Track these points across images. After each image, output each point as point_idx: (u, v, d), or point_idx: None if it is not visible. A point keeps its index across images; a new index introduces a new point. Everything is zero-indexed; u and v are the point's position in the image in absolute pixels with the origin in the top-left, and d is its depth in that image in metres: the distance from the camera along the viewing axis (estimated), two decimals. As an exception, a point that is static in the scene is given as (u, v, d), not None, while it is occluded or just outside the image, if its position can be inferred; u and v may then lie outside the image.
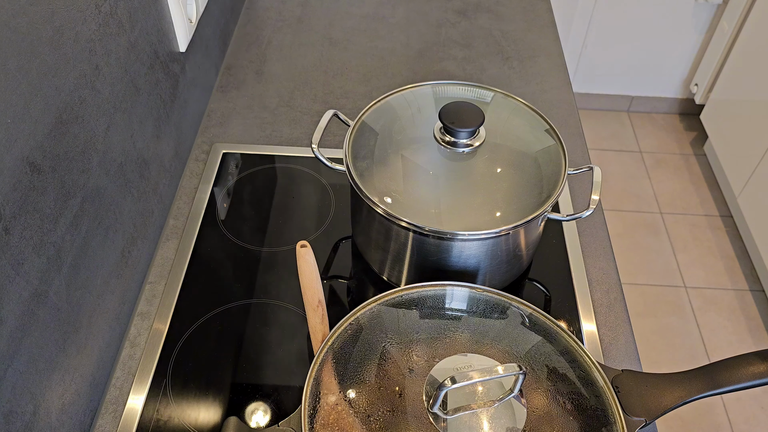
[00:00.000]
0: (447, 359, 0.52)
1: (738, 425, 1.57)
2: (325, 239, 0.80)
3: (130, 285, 0.71)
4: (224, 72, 1.04)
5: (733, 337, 1.74)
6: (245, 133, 0.94)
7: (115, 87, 0.64)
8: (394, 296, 0.58)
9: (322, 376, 0.52)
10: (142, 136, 0.72)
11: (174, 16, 0.78)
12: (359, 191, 0.65)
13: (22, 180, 0.48)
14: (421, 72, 1.06)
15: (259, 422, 0.64)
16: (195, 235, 0.79)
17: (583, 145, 0.95)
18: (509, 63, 1.09)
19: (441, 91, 0.75)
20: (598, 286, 0.77)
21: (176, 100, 0.82)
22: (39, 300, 0.52)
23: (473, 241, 0.64)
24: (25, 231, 0.49)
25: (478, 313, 0.58)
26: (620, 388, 0.54)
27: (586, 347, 0.70)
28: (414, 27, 1.16)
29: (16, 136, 0.47)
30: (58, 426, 0.57)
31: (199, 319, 0.71)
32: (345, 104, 1.00)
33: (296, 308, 0.72)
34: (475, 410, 0.49)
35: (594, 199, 0.67)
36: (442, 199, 0.65)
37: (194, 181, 0.86)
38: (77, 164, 0.57)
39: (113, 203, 0.65)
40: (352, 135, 0.70)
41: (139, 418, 0.63)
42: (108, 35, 0.61)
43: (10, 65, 0.46)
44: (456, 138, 0.66)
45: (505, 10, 1.21)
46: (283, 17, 1.17)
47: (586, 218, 0.83)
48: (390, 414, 0.49)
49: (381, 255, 0.72)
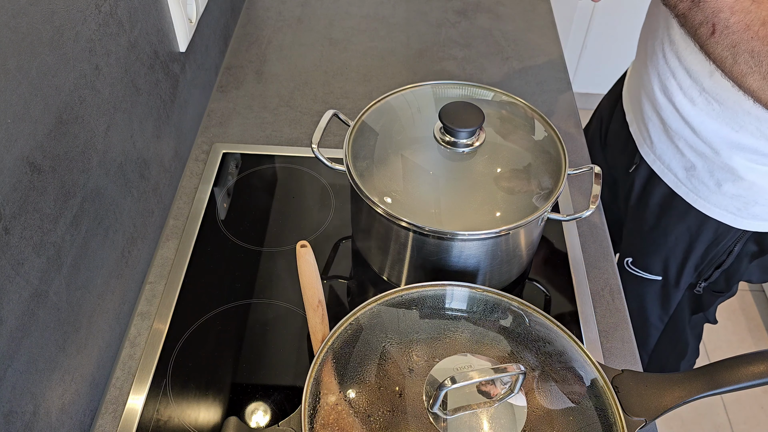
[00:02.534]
0: (447, 359, 0.52)
1: (738, 425, 1.57)
2: (325, 239, 0.80)
3: (130, 285, 0.71)
4: (224, 72, 1.04)
5: (733, 337, 1.74)
6: (245, 133, 0.94)
7: (115, 87, 0.64)
8: (394, 296, 0.58)
9: (322, 376, 0.52)
10: (142, 136, 0.72)
11: (174, 16, 0.78)
12: (359, 191, 0.65)
13: (22, 180, 0.48)
14: (421, 72, 1.06)
15: (259, 422, 0.64)
16: (195, 235, 0.79)
17: (583, 145, 0.95)
18: (509, 63, 1.09)
19: (441, 91, 0.75)
20: (598, 287, 0.77)
21: (176, 100, 0.82)
22: (39, 300, 0.52)
23: (473, 241, 0.64)
24: (25, 231, 0.49)
25: (478, 313, 0.58)
26: (620, 388, 0.54)
27: (586, 347, 0.70)
28: (414, 27, 1.16)
29: (16, 136, 0.47)
30: (58, 426, 0.57)
31: (199, 319, 0.71)
32: (345, 104, 1.00)
33: (296, 308, 0.72)
34: (475, 410, 0.49)
35: (594, 199, 0.67)
36: (442, 199, 0.65)
37: (194, 181, 0.86)
38: (77, 164, 0.57)
39: (113, 203, 0.65)
40: (352, 135, 0.70)
41: (139, 418, 0.63)
42: (108, 35, 0.61)
43: (10, 65, 0.46)
44: (456, 138, 0.66)
45: (505, 10, 1.21)
46: (283, 17, 1.17)
47: (586, 218, 0.83)
48: (390, 414, 0.49)
49: (381, 255, 0.72)
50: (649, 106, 0.85)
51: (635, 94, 0.90)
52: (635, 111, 0.91)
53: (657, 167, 0.87)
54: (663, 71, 0.80)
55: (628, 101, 0.94)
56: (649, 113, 0.85)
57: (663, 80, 0.80)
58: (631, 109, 0.92)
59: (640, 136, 0.90)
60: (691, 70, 0.75)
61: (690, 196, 0.85)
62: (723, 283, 0.95)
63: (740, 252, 0.89)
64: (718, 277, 0.94)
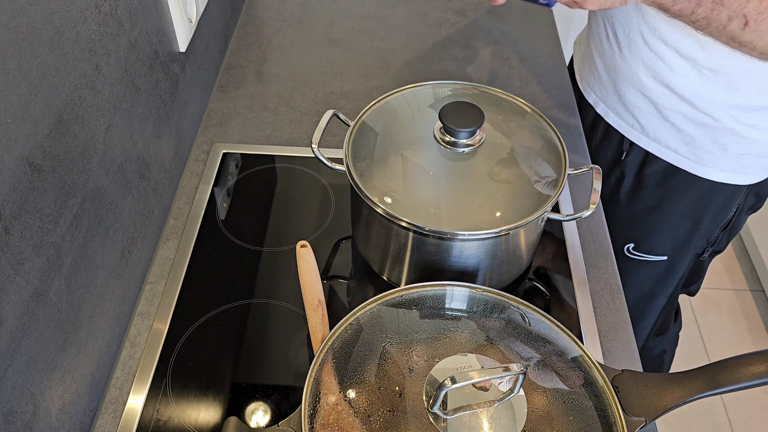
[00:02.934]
0: (447, 359, 0.52)
1: (738, 425, 1.57)
2: (325, 239, 0.80)
3: (130, 285, 0.71)
4: (224, 72, 1.04)
5: (733, 337, 1.74)
6: (245, 133, 0.94)
7: (115, 87, 0.64)
8: (394, 296, 0.58)
9: (322, 376, 0.52)
10: (142, 136, 0.72)
11: (174, 16, 0.78)
12: (359, 191, 0.65)
13: (22, 180, 0.48)
14: (421, 72, 1.06)
15: (259, 422, 0.64)
16: (195, 235, 0.79)
17: (583, 145, 0.95)
18: (509, 63, 1.09)
19: (441, 91, 0.75)
20: (598, 287, 0.77)
21: (176, 100, 0.82)
22: (39, 300, 0.52)
23: (473, 241, 0.64)
24: (25, 231, 0.49)
25: (478, 313, 0.58)
26: (620, 388, 0.54)
27: (586, 347, 0.70)
28: (414, 27, 1.16)
29: (16, 136, 0.47)
30: (58, 426, 0.57)
31: (199, 319, 0.71)
32: (345, 104, 1.00)
33: (296, 308, 0.72)
34: (475, 410, 0.49)
35: (594, 199, 0.67)
36: (442, 199, 0.65)
37: (194, 181, 0.86)
38: (77, 164, 0.57)
39: (113, 203, 0.65)
40: (352, 135, 0.70)
41: (139, 418, 0.63)
42: (108, 35, 0.61)
43: (10, 65, 0.46)
44: (456, 138, 0.66)
45: (505, 10, 1.21)
46: (283, 17, 1.17)
47: (586, 218, 0.83)
48: (390, 414, 0.49)
49: (381, 255, 0.72)
50: (634, 93, 0.86)
51: (608, 88, 0.91)
52: (612, 102, 0.92)
53: (653, 148, 0.89)
54: (648, 58, 0.81)
55: (599, 97, 0.95)
56: (635, 100, 0.87)
57: (651, 65, 0.82)
58: (605, 102, 0.94)
59: (624, 125, 0.91)
60: (680, 48, 0.77)
61: (695, 167, 0.86)
62: (724, 243, 0.98)
63: (742, 207, 0.92)
64: (722, 238, 0.97)
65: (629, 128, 0.91)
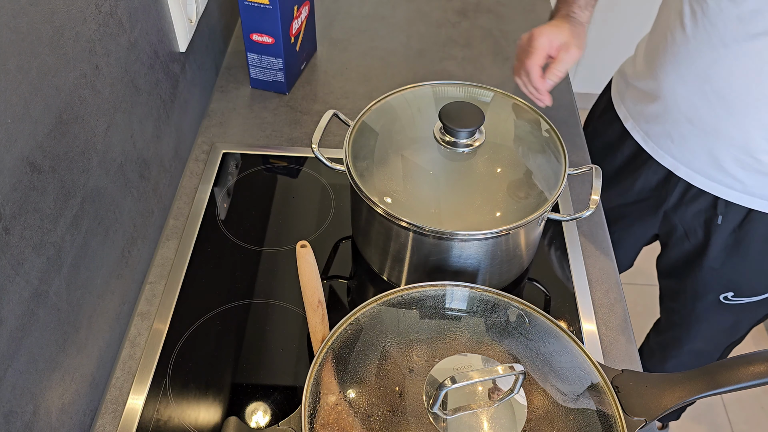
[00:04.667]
0: (447, 359, 0.52)
1: (738, 425, 1.57)
2: (325, 239, 0.80)
3: (130, 285, 0.71)
4: (224, 72, 1.04)
5: (733, 337, 1.74)
6: (245, 133, 0.94)
7: (115, 87, 0.64)
8: (394, 296, 0.58)
9: (322, 376, 0.52)
10: (142, 136, 0.72)
11: (174, 16, 0.78)
12: (359, 191, 0.65)
13: (22, 180, 0.48)
14: (421, 72, 1.06)
15: (259, 422, 0.64)
16: (195, 235, 0.79)
17: (583, 145, 0.95)
18: (509, 63, 1.09)
19: (441, 91, 0.75)
20: (598, 286, 0.77)
21: (176, 100, 0.82)
22: (39, 300, 0.52)
23: (473, 241, 0.64)
24: (25, 231, 0.49)
25: (478, 313, 0.58)
26: (620, 388, 0.54)
27: (586, 347, 0.70)
28: (414, 27, 1.16)
29: (16, 136, 0.47)
30: (58, 426, 0.57)
31: (199, 319, 0.71)
32: (345, 104, 1.00)
33: (296, 308, 0.72)
34: (475, 410, 0.49)
35: (594, 199, 0.67)
36: (442, 199, 0.65)
37: (194, 181, 0.86)
38: (77, 164, 0.57)
39: (113, 203, 0.65)
40: (352, 135, 0.70)
41: (139, 418, 0.63)
42: (108, 35, 0.61)
43: (10, 65, 0.46)
44: (456, 138, 0.66)
45: (505, 10, 1.21)
46: (283, 17, 1.17)
47: (586, 218, 0.83)
48: (390, 414, 0.49)
49: (381, 255, 0.72)
50: (736, 155, 0.79)
51: (696, 151, 0.83)
52: (698, 164, 0.84)
53: (758, 204, 0.83)
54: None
55: (678, 161, 0.87)
56: (734, 161, 0.80)
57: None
58: (688, 165, 0.86)
59: (719, 187, 0.84)
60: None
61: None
62: None
63: None
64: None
65: (722, 190, 0.84)
